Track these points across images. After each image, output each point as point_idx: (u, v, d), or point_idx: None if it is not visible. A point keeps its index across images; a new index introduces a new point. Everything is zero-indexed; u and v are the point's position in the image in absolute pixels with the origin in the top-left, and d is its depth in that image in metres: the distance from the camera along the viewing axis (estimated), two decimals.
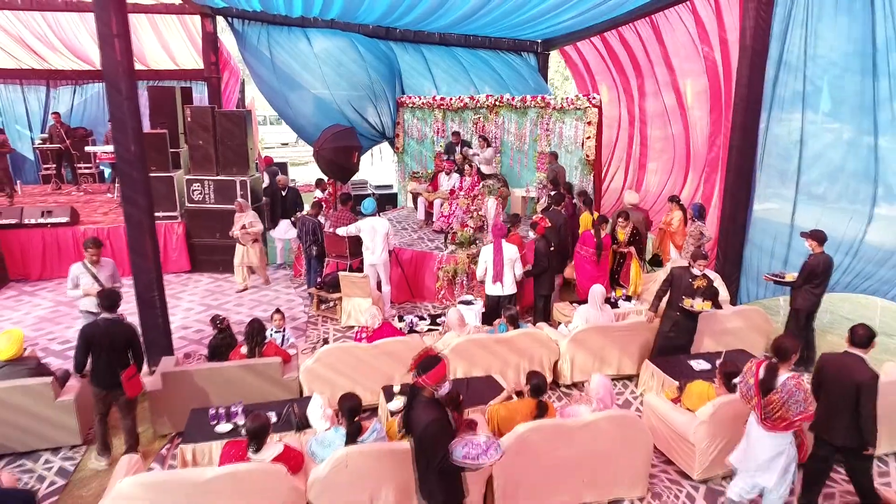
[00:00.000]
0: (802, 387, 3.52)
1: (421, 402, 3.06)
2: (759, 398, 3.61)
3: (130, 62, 5.28)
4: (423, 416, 2.98)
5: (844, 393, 3.68)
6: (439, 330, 6.27)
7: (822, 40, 6.41)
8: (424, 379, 3.03)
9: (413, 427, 3.11)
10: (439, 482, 3.04)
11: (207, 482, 3.43)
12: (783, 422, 3.55)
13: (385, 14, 10.03)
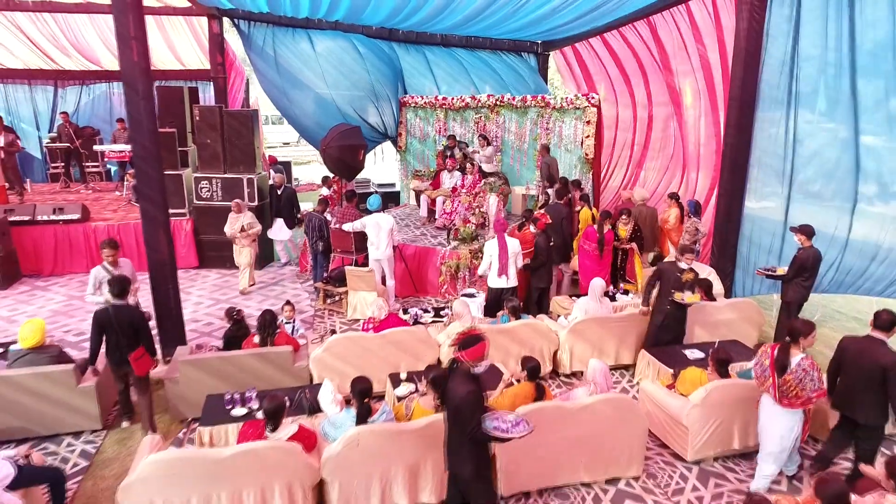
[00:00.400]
0: (816, 366, 3.84)
1: (459, 375, 3.26)
2: (775, 378, 3.91)
3: (147, 63, 5.49)
4: (460, 388, 3.18)
5: (866, 374, 3.95)
6: (443, 321, 6.48)
7: (820, 41, 6.59)
8: (464, 355, 3.25)
9: (449, 398, 3.31)
10: (470, 452, 3.27)
11: (227, 459, 3.65)
12: (799, 399, 3.88)
13: (390, 16, 10.22)
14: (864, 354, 4.00)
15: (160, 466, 3.58)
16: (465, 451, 3.27)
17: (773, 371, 3.94)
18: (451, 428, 3.37)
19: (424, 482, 4.05)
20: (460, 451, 3.30)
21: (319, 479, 3.87)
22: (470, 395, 3.15)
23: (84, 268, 9.23)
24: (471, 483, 3.30)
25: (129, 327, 4.68)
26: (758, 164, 7.31)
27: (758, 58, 6.93)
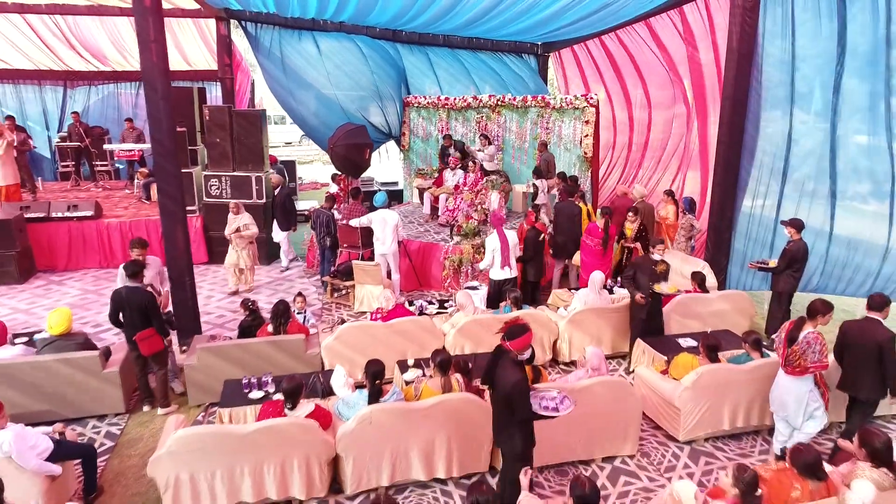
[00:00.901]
0: (820, 340, 4.18)
1: (507, 362, 3.53)
2: (785, 348, 4.29)
3: (165, 64, 5.76)
4: (510, 375, 3.45)
5: (867, 353, 4.30)
6: (447, 312, 6.75)
7: (812, 42, 6.84)
8: (510, 344, 3.51)
9: (498, 383, 3.58)
10: (520, 430, 3.57)
11: (250, 434, 3.92)
12: (800, 368, 4.22)
13: (395, 17, 10.48)
14: (864, 334, 4.36)
15: (188, 441, 3.85)
16: (513, 431, 3.59)
17: (785, 342, 4.33)
18: (500, 411, 3.69)
19: (437, 458, 4.31)
20: (508, 431, 3.62)
21: (335, 455, 4.14)
22: (520, 383, 3.44)
23: (97, 263, 9.52)
24: (515, 460, 3.59)
25: (138, 308, 4.99)
26: (755, 162, 7.58)
27: (750, 59, 7.20)
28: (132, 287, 5.06)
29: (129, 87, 14.22)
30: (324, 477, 4.15)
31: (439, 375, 4.45)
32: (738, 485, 3.00)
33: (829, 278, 7.03)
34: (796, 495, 3.18)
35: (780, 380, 4.48)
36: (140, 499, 4.27)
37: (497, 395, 3.68)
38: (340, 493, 4.27)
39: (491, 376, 3.69)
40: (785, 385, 4.43)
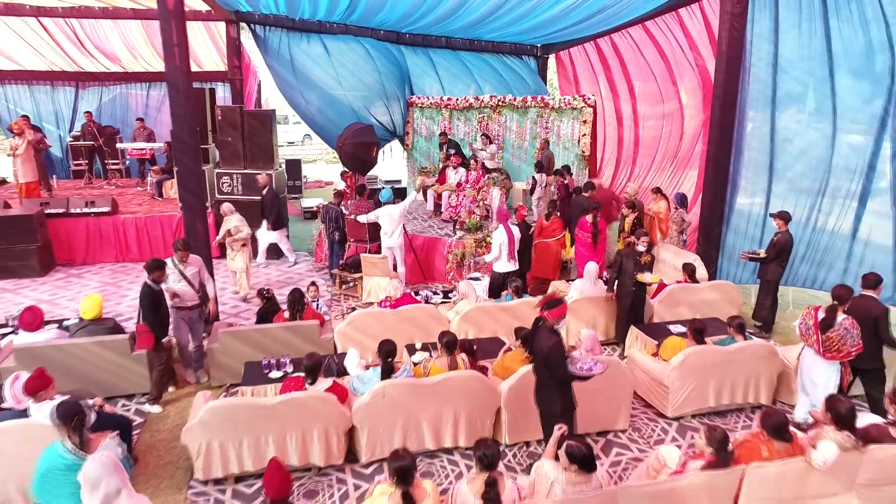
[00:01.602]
0: (856, 325, 4.60)
1: (544, 330, 4.02)
2: (818, 335, 4.68)
3: (188, 66, 6.13)
4: (547, 340, 3.94)
5: (866, 326, 4.71)
6: (451, 301, 7.12)
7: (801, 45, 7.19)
8: (548, 314, 4.01)
9: (536, 348, 4.08)
10: (557, 391, 4.05)
11: (275, 406, 4.30)
12: (840, 353, 4.63)
13: (401, 18, 10.83)
14: (863, 310, 4.79)
15: (219, 411, 4.23)
16: (554, 393, 4.05)
17: (817, 329, 4.71)
18: (540, 374, 4.13)
19: (444, 429, 4.69)
20: (549, 393, 4.08)
21: (351, 426, 4.52)
22: (556, 346, 3.92)
23: (113, 257, 9.90)
24: (559, 419, 3.97)
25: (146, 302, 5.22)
26: (743, 161, 7.96)
27: (738, 61, 7.57)
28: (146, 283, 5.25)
29: (139, 87, 14.58)
30: (341, 446, 4.53)
31: (446, 355, 4.83)
32: (710, 443, 3.38)
33: (812, 266, 7.41)
34: (766, 455, 3.56)
35: (810, 363, 4.90)
36: (172, 467, 4.65)
37: (536, 359, 4.16)
38: (356, 462, 4.64)
39: (530, 343, 4.18)
40: (816, 368, 4.84)
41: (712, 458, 3.44)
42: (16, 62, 13.30)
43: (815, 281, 7.44)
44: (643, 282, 6.24)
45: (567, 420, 4.00)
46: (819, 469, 3.54)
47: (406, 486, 3.06)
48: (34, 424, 3.94)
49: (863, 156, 6.85)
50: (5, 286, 8.64)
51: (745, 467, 3.51)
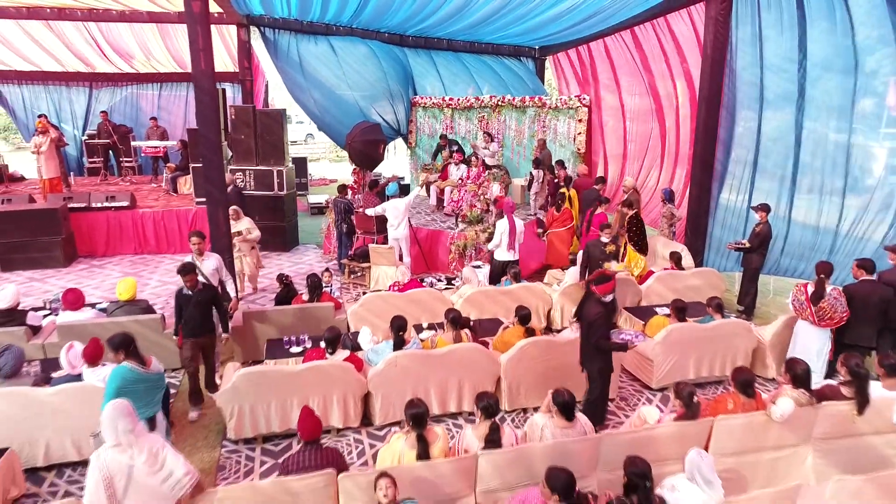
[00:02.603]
0: (843, 295, 5.25)
1: (592, 301, 4.66)
2: (811, 307, 5.31)
3: (212, 69, 6.66)
4: (592, 310, 4.60)
5: (873, 307, 5.27)
6: (454, 286, 7.65)
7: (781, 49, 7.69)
8: (597, 288, 4.60)
9: (584, 315, 4.75)
10: (595, 354, 4.69)
11: (299, 373, 4.82)
12: (833, 320, 5.26)
13: (405, 20, 11.31)
14: (869, 292, 5.32)
15: (249, 378, 4.76)
16: (593, 356, 4.68)
17: (810, 303, 5.33)
18: (584, 339, 4.76)
19: (449, 396, 5.22)
20: (590, 355, 4.71)
21: (366, 392, 5.05)
22: (599, 316, 4.58)
23: (132, 250, 10.42)
24: (596, 378, 4.62)
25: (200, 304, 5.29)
26: (731, 157, 8.48)
27: (722, 64, 8.10)
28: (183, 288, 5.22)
29: (151, 87, 15.10)
30: (357, 410, 5.06)
31: (451, 330, 5.36)
32: (679, 397, 3.91)
33: (792, 259, 7.95)
34: (731, 407, 4.09)
35: (805, 334, 5.51)
36: (205, 430, 5.17)
37: (583, 325, 4.80)
38: (370, 425, 5.17)
39: (580, 311, 4.84)
40: (812, 337, 5.44)
41: (682, 410, 3.98)
42: (33, 63, 13.81)
43: (797, 271, 7.96)
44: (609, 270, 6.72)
45: (603, 380, 4.67)
46: (777, 421, 4.07)
47: (420, 429, 3.58)
48: (88, 387, 4.46)
49: (842, 152, 7.34)
50: (33, 276, 9.16)
51: (714, 419, 4.04)
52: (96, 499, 3.03)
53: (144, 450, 3.07)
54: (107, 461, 3.04)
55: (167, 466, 3.08)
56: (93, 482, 3.05)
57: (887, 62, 6.60)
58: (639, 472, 3.09)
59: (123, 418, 3.04)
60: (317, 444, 3.58)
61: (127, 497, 2.97)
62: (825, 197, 7.57)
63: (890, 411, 4.30)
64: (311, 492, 3.41)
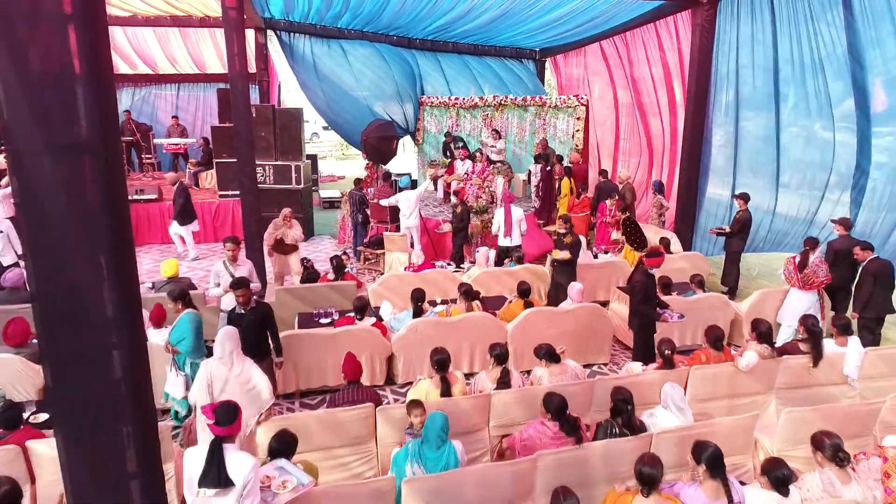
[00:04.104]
0: (823, 263, 6.11)
1: (640, 271, 5.52)
2: (798, 274, 6.17)
3: (246, 71, 7.38)
4: (638, 278, 5.48)
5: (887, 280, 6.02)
6: (463, 269, 8.39)
7: (756, 55, 8.45)
8: (647, 261, 5.47)
9: (631, 282, 5.72)
10: (638, 316, 5.53)
11: (334, 335, 5.56)
12: (815, 284, 6.12)
13: (413, 22, 12.04)
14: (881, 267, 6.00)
15: (292, 340, 5.49)
16: (635, 316, 5.53)
17: (797, 270, 6.20)
18: (630, 301, 5.65)
19: (462, 358, 5.95)
20: (633, 316, 5.58)
21: (390, 354, 5.78)
22: (640, 284, 5.45)
23: (159, 240, 11.13)
24: (636, 335, 5.51)
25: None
26: (716, 154, 9.23)
27: (708, 67, 8.84)
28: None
29: (168, 87, 15.82)
30: (382, 370, 5.79)
31: (464, 301, 6.09)
32: (660, 352, 4.64)
33: (770, 242, 8.70)
34: (703, 360, 4.82)
35: (795, 298, 6.34)
36: None
37: (630, 291, 5.73)
38: (393, 383, 5.90)
39: (630, 279, 5.77)
40: (799, 300, 6.28)
41: (661, 361, 4.71)
42: None
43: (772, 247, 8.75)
44: (556, 258, 7.34)
45: (644, 335, 5.56)
46: (744, 371, 4.80)
47: (443, 372, 4.31)
48: (153, 345, 5.18)
49: (821, 150, 8.06)
50: None
51: (689, 368, 4.78)
52: (199, 394, 3.91)
53: (239, 366, 3.85)
54: (211, 369, 3.89)
55: (253, 381, 3.87)
56: (198, 382, 3.94)
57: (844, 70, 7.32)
58: (622, 398, 3.82)
59: (230, 340, 3.86)
60: (358, 384, 4.32)
61: (220, 397, 3.74)
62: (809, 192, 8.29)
63: (841, 364, 5.05)
64: (354, 421, 4.15)
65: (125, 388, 1.71)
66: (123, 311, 1.69)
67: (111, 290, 1.66)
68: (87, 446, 1.74)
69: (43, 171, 1.52)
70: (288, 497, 3.07)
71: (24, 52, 1.46)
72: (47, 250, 1.58)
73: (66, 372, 1.66)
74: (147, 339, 2.00)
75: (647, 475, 3.03)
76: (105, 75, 1.59)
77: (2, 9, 1.42)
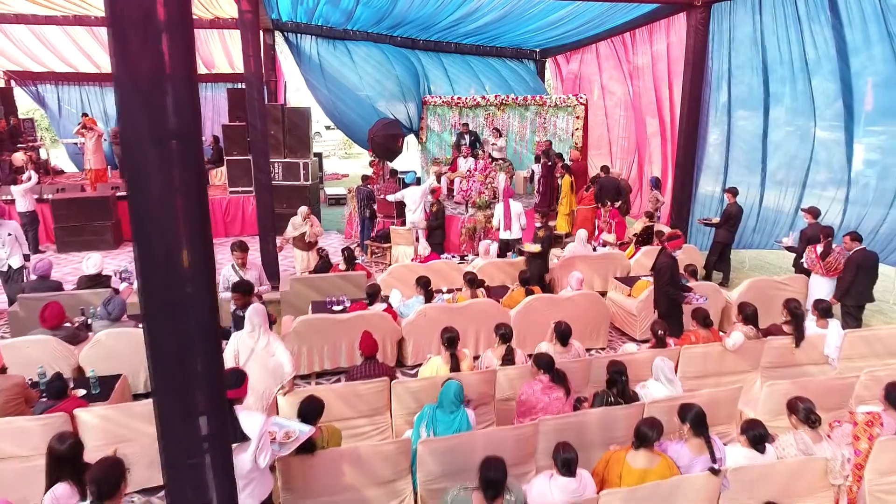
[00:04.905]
0: (843, 252, 6.49)
1: (663, 254, 5.93)
2: (821, 262, 6.64)
3: (261, 72, 7.76)
4: (663, 260, 5.87)
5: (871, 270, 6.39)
6: (467, 261, 8.76)
7: (745, 57, 8.83)
8: (668, 244, 5.85)
9: (656, 264, 6.14)
10: (663, 297, 5.88)
11: (347, 319, 5.92)
12: (837, 271, 6.61)
13: (419, 26, 12.41)
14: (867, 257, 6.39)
15: (308, 323, 5.86)
16: (661, 298, 5.90)
17: (819, 259, 6.67)
18: (656, 284, 6.03)
19: (468, 341, 6.31)
20: (659, 298, 5.95)
21: (401, 337, 6.14)
22: (664, 266, 5.85)
23: None
24: (667, 318, 5.78)
25: None
26: (707, 150, 9.60)
27: (702, 68, 9.20)
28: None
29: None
30: (393, 352, 6.16)
31: (469, 289, 6.45)
32: (653, 332, 5.01)
33: (763, 237, 9.07)
34: (693, 340, 5.19)
35: (817, 284, 6.79)
36: None
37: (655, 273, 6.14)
38: (404, 365, 6.27)
39: (655, 263, 6.14)
40: (821, 286, 6.73)
41: (654, 341, 5.08)
42: (70, 65, 14.89)
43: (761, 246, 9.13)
44: (526, 250, 7.72)
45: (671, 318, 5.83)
46: (730, 350, 5.16)
47: (453, 349, 4.68)
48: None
49: (812, 148, 8.42)
50: (89, 255, 10.22)
51: (680, 348, 5.15)
52: (226, 362, 4.20)
53: (265, 340, 4.22)
54: (238, 340, 4.25)
55: (277, 355, 4.23)
56: (227, 351, 4.27)
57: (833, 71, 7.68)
58: (617, 370, 4.19)
59: (258, 316, 4.22)
60: (374, 360, 4.68)
61: (246, 367, 4.11)
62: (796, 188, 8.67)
63: (822, 345, 5.42)
64: (371, 393, 4.52)
65: (198, 329, 2.08)
66: (200, 268, 2.05)
67: (191, 250, 2.03)
68: (170, 381, 2.10)
69: (145, 154, 1.88)
70: (293, 446, 3.43)
71: (133, 56, 1.82)
72: (147, 218, 1.94)
73: (156, 313, 2.03)
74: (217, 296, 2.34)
75: (642, 433, 3.40)
76: (190, 75, 1.96)
77: (118, 19, 1.79)
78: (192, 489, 2.21)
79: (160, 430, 2.14)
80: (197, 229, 2.03)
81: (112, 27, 1.82)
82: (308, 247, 8.29)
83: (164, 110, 1.89)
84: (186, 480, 2.19)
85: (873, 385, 4.64)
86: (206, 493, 2.24)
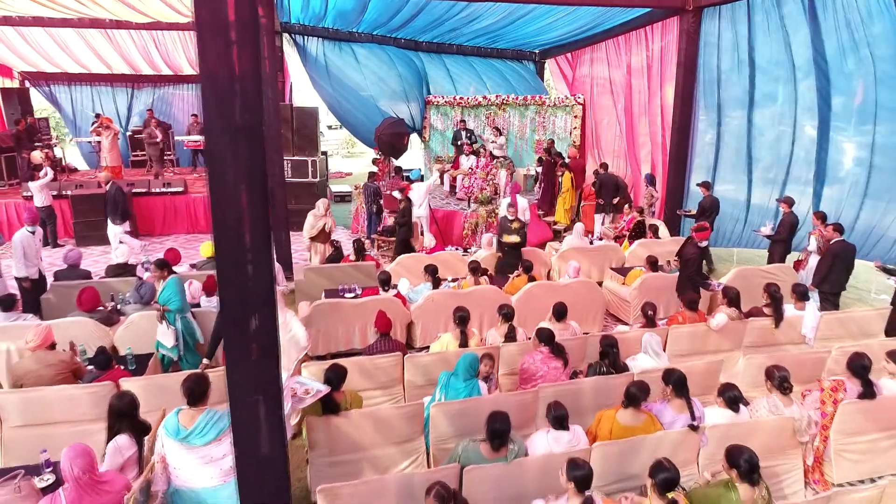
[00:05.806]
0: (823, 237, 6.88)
1: (690, 243, 6.36)
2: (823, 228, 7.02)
3: (274, 72, 8.19)
4: (688, 249, 6.29)
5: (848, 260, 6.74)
6: (470, 252, 9.20)
7: (733, 59, 9.28)
8: (696, 235, 6.25)
9: (682, 254, 6.49)
10: (686, 284, 6.32)
11: (360, 304, 6.37)
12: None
13: (423, 27, 12.85)
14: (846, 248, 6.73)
15: (322, 308, 6.30)
16: (685, 285, 6.35)
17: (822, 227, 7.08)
18: (681, 271, 6.50)
19: (473, 324, 6.73)
20: (682, 285, 6.41)
21: (410, 321, 6.59)
22: (694, 256, 6.27)
23: (185, 229, 11.95)
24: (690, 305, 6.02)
25: None
26: (697, 150, 10.06)
27: (693, 70, 9.65)
28: None
29: (186, 88, 16.60)
30: (403, 335, 6.60)
31: (473, 276, 6.90)
32: (643, 312, 5.46)
33: (749, 233, 9.54)
34: (680, 321, 5.64)
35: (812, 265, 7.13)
36: None
37: (681, 261, 6.59)
38: (412, 348, 6.71)
39: (681, 251, 6.62)
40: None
41: (645, 321, 5.53)
42: (83, 66, 15.32)
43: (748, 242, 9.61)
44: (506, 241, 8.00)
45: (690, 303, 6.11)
46: (714, 330, 5.61)
47: (463, 326, 5.13)
48: (206, 311, 5.99)
49: (790, 146, 8.89)
50: (105, 249, 10.66)
51: (668, 328, 5.59)
52: None
53: (282, 316, 4.61)
54: None
55: (292, 329, 4.65)
56: None
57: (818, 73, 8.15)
58: (609, 343, 4.64)
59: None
60: (388, 336, 5.13)
61: None
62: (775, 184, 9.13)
63: (800, 326, 5.87)
64: (386, 367, 4.97)
65: (256, 288, 2.52)
66: (260, 237, 2.49)
67: (251, 223, 2.47)
68: (235, 330, 2.55)
69: (220, 144, 2.33)
70: (311, 400, 3.90)
71: (212, 60, 2.27)
72: (224, 197, 2.38)
73: (227, 276, 2.47)
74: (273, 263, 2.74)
75: (631, 393, 3.85)
76: (253, 76, 2.40)
77: (203, 28, 2.23)
78: (250, 422, 2.66)
79: (228, 371, 2.58)
80: (259, 211, 2.47)
81: (198, 33, 2.26)
82: (326, 238, 8.71)
83: (231, 106, 2.33)
84: (248, 414, 2.64)
85: (843, 360, 5.08)
86: (259, 428, 2.69)
